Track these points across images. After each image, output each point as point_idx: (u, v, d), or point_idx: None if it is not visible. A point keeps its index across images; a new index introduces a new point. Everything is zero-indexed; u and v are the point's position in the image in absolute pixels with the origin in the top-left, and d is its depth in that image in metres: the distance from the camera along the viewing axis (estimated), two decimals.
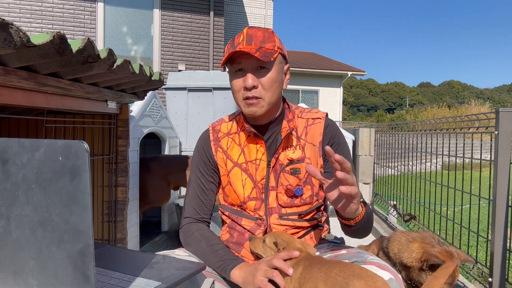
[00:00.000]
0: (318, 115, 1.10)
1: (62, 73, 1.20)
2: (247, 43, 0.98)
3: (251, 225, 1.07)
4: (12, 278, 0.52)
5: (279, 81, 1.02)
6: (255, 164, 1.07)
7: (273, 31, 1.03)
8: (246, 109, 1.02)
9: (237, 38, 1.02)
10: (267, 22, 11.32)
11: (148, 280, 0.62)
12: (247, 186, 1.07)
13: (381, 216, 3.81)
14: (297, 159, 1.05)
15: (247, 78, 0.98)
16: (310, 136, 1.08)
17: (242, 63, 0.99)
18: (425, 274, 1.44)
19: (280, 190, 1.06)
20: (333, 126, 1.10)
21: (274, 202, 1.06)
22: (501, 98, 71.78)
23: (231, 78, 1.04)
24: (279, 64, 1.02)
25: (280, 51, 1.01)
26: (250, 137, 1.09)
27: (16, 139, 0.50)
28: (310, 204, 1.07)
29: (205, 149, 1.14)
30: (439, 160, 6.31)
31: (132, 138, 2.22)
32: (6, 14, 5.66)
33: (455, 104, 31.58)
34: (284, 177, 1.05)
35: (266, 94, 1.00)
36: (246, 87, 0.99)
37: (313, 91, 14.11)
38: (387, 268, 0.88)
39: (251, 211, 1.07)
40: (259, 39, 0.99)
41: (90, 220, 0.46)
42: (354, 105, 60.75)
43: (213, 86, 3.69)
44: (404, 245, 1.54)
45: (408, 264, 1.48)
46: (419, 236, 1.55)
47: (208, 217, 1.15)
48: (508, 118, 1.87)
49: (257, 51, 0.95)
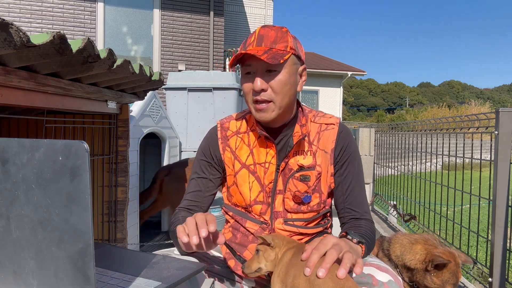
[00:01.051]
0: (332, 121, 1.07)
1: (62, 73, 1.20)
2: (257, 44, 0.95)
3: (256, 228, 1.05)
4: (12, 278, 0.52)
5: (291, 83, 0.98)
6: (263, 167, 1.04)
7: (287, 30, 0.99)
8: (256, 114, 0.99)
9: (249, 38, 0.99)
10: (267, 22, 11.32)
11: (148, 280, 0.62)
12: (254, 189, 1.05)
13: (381, 216, 3.81)
14: (308, 166, 1.02)
15: (256, 81, 0.95)
16: (322, 142, 1.05)
17: (251, 65, 0.96)
18: (429, 275, 1.43)
19: (288, 196, 1.03)
20: (347, 134, 1.07)
21: (280, 207, 1.04)
22: (501, 98, 71.77)
23: (242, 79, 1.01)
24: (292, 65, 0.97)
25: (294, 51, 0.97)
26: (260, 138, 1.06)
27: (16, 139, 0.50)
28: (317, 211, 1.05)
29: (211, 149, 1.11)
30: (439, 160, 6.31)
31: (132, 138, 2.22)
32: (6, 14, 5.66)
33: (455, 104, 31.57)
34: (293, 183, 1.02)
35: (276, 97, 0.96)
36: (254, 90, 0.96)
37: (313, 91, 14.11)
38: (387, 269, 0.88)
39: (256, 214, 1.05)
40: (271, 40, 0.95)
41: (90, 220, 0.46)
42: (354, 105, 60.74)
43: (213, 86, 3.69)
44: (407, 247, 1.53)
45: (411, 266, 1.48)
46: (421, 238, 1.55)
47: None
48: (508, 118, 1.87)
49: (265, 53, 0.91)
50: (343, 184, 1.05)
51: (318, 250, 0.77)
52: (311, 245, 0.82)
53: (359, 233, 0.96)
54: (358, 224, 1.03)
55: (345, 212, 1.06)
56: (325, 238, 0.81)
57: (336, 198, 1.08)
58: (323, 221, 1.09)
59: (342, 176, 1.05)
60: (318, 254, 0.77)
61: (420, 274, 1.46)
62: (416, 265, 1.47)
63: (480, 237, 2.18)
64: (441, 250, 1.45)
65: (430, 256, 1.42)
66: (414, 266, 1.47)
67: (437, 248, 1.47)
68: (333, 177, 1.05)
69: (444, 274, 1.41)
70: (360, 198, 1.06)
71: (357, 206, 1.05)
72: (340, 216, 1.09)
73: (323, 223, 1.09)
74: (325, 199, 1.05)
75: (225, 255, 1.11)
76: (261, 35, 0.96)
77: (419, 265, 1.46)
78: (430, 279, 1.43)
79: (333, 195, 1.09)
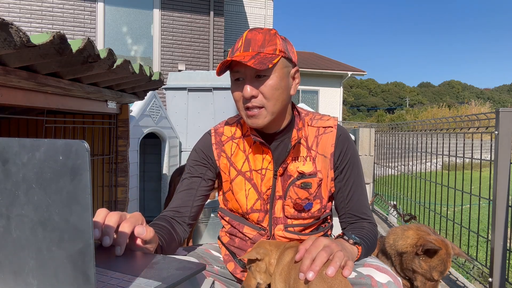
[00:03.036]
0: (330, 123, 1.04)
1: (62, 73, 1.20)
2: (245, 49, 0.92)
3: (254, 234, 1.03)
4: (12, 278, 0.52)
5: (283, 87, 0.94)
6: (260, 174, 1.01)
7: (276, 32, 0.95)
8: (248, 120, 0.95)
9: (237, 43, 0.95)
10: (267, 22, 11.32)
11: (148, 280, 0.62)
12: (250, 196, 1.02)
13: (381, 216, 3.81)
14: (309, 173, 1.00)
15: (245, 88, 0.91)
16: (321, 147, 1.02)
17: (239, 71, 0.92)
18: (418, 259, 1.43)
19: (288, 203, 1.01)
20: (345, 137, 1.05)
21: (280, 213, 1.02)
22: (501, 98, 71.77)
23: (231, 87, 0.97)
24: (282, 69, 0.93)
25: (283, 54, 0.93)
26: (255, 144, 1.02)
27: (16, 139, 0.50)
28: (317, 217, 1.04)
29: (205, 151, 1.07)
30: (439, 160, 6.31)
31: (132, 138, 2.22)
32: (6, 14, 5.66)
33: (455, 104, 31.58)
34: (294, 191, 1.00)
35: (268, 102, 0.92)
36: (244, 97, 0.92)
37: (313, 91, 14.12)
38: (386, 270, 0.87)
39: (253, 221, 1.03)
40: (258, 44, 0.92)
41: (91, 219, 0.46)
42: (354, 105, 60.74)
43: (213, 86, 3.69)
44: (399, 234, 1.55)
45: (403, 250, 1.48)
46: (414, 225, 1.57)
47: (182, 222, 1.04)
48: (508, 118, 1.87)
49: (252, 58, 0.88)
50: (344, 189, 1.04)
51: (309, 253, 0.77)
52: (304, 244, 0.81)
53: (359, 235, 0.95)
54: (361, 226, 1.02)
55: (347, 217, 1.05)
56: (318, 239, 0.80)
57: (337, 203, 1.06)
58: (323, 225, 1.08)
59: (342, 181, 1.03)
60: (310, 257, 0.76)
61: (409, 258, 1.45)
62: (407, 248, 1.46)
63: (480, 237, 2.18)
64: (433, 237, 1.45)
65: (422, 241, 1.43)
66: (404, 249, 1.47)
67: (429, 235, 1.48)
68: (333, 181, 1.04)
69: (433, 261, 1.41)
70: (362, 203, 1.05)
71: (359, 211, 1.04)
72: (342, 221, 1.07)
73: (323, 226, 1.08)
74: (325, 204, 1.04)
75: (224, 257, 1.10)
76: (248, 40, 0.93)
77: (409, 249, 1.46)
78: (418, 263, 1.43)
79: (333, 198, 1.07)
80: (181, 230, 1.03)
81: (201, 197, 1.06)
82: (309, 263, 0.75)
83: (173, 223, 1.01)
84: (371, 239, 0.98)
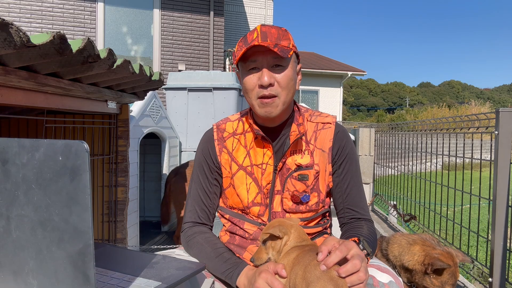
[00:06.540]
0: (328, 120, 1.07)
1: (62, 73, 1.20)
2: (262, 40, 0.93)
3: (254, 230, 1.04)
4: (12, 278, 0.52)
5: (294, 79, 0.99)
6: (261, 168, 1.03)
7: (286, 29, 0.98)
8: (261, 109, 0.97)
9: (249, 35, 0.96)
10: (267, 22, 11.32)
11: (148, 280, 0.62)
12: (251, 190, 1.03)
13: (381, 216, 3.81)
14: (306, 165, 1.02)
15: (263, 75, 0.93)
16: (319, 141, 1.04)
17: (257, 60, 0.94)
18: (429, 277, 1.44)
19: (286, 196, 1.02)
20: (344, 133, 1.07)
21: (278, 207, 1.03)
22: (501, 98, 71.76)
23: (243, 76, 0.98)
24: (294, 62, 0.98)
25: (295, 49, 0.98)
26: (257, 139, 1.05)
27: (16, 139, 0.50)
28: (315, 211, 1.04)
29: (210, 150, 1.09)
30: (439, 160, 6.31)
31: (132, 138, 2.22)
32: (6, 14, 5.66)
33: (455, 104, 31.58)
34: (291, 183, 1.02)
35: (282, 92, 0.95)
36: (262, 84, 0.93)
37: (313, 91, 14.11)
38: (387, 270, 0.88)
39: (254, 216, 1.04)
40: (274, 36, 0.94)
41: (90, 220, 0.46)
42: (354, 105, 60.73)
43: (213, 86, 3.69)
44: (405, 248, 1.54)
45: (409, 267, 1.49)
46: (419, 239, 1.55)
47: (211, 222, 1.11)
48: (508, 118, 1.87)
49: (275, 47, 0.91)
50: (341, 184, 1.06)
51: (341, 252, 0.76)
52: (326, 245, 0.80)
53: (366, 239, 0.95)
54: (360, 225, 1.02)
55: (345, 212, 1.06)
56: (348, 242, 0.80)
57: (335, 198, 1.08)
58: (322, 221, 1.08)
59: (340, 176, 1.05)
60: (341, 255, 0.76)
61: (419, 275, 1.47)
62: (415, 266, 1.47)
63: (480, 237, 2.18)
64: (439, 251, 1.45)
65: (429, 259, 1.43)
66: (412, 267, 1.48)
67: (435, 249, 1.48)
68: (331, 176, 1.05)
69: (443, 277, 1.42)
70: (359, 198, 1.07)
71: (356, 206, 1.06)
72: (340, 216, 1.08)
73: (322, 222, 1.08)
74: (323, 198, 1.05)
75: None
76: (264, 32, 0.95)
77: (417, 266, 1.47)
78: (430, 281, 1.44)
79: (331, 194, 1.09)
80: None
81: (216, 201, 1.12)
82: (336, 260, 0.75)
83: (209, 232, 1.10)
84: (373, 240, 0.99)
